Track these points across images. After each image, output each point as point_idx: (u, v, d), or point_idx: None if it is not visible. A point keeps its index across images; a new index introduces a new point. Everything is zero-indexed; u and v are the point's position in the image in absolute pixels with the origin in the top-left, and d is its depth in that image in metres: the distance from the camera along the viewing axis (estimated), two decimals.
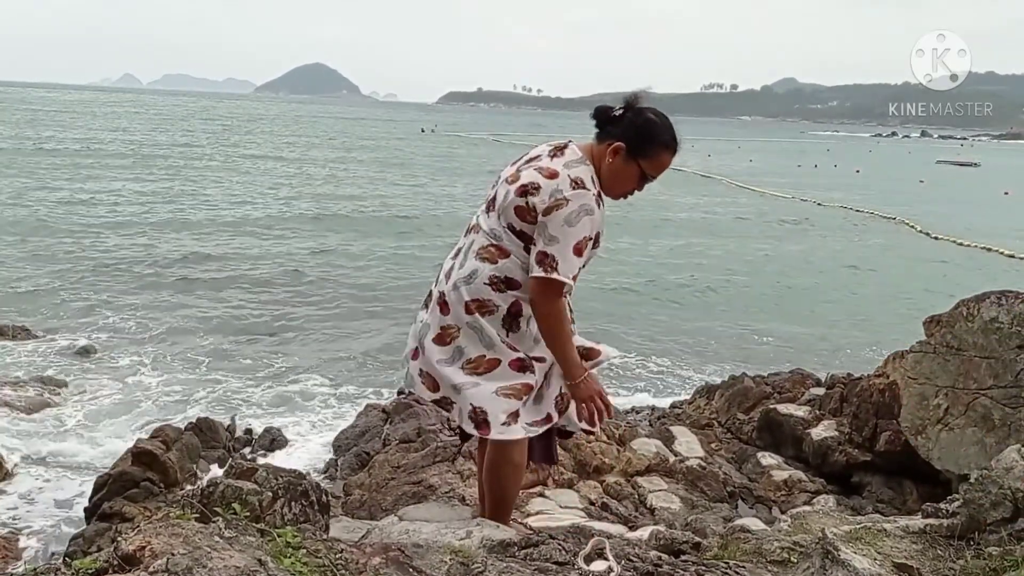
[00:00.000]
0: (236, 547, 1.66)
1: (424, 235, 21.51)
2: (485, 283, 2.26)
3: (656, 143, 2.24)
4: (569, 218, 2.13)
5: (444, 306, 2.33)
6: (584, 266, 2.25)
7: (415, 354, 2.43)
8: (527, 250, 2.23)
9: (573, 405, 2.43)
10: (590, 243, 2.19)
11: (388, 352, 11.60)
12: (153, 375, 10.11)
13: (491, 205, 2.34)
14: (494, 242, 2.27)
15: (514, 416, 2.33)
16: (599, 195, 2.24)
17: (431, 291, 2.45)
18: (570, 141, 2.33)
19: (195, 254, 17.34)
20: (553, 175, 2.19)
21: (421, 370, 2.42)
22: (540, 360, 2.35)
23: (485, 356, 2.29)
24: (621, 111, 2.26)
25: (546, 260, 2.15)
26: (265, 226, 21.64)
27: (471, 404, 2.31)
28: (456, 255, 2.38)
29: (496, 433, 2.32)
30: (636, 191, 2.33)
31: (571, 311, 2.41)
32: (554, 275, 2.14)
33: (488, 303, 2.27)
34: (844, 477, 6.15)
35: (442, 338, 2.33)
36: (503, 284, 2.26)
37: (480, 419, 2.31)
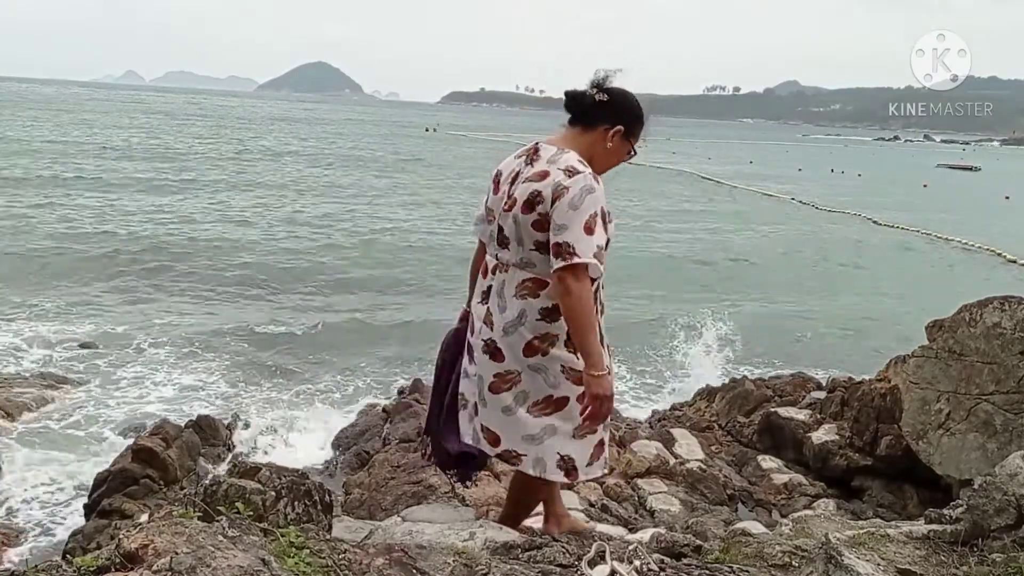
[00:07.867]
0: (239, 547, 1.65)
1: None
2: (538, 318, 2.23)
3: (643, 121, 2.37)
4: (573, 202, 2.12)
5: (497, 353, 2.29)
6: (605, 248, 2.17)
7: (476, 409, 2.40)
8: None
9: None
10: (598, 219, 2.15)
11: (388, 351, 11.61)
12: (153, 372, 10.11)
13: (502, 240, 2.30)
14: (530, 275, 2.24)
15: (600, 447, 2.35)
16: (593, 174, 2.23)
17: (468, 341, 2.42)
18: (537, 142, 2.35)
19: (195, 249, 17.35)
20: (544, 175, 2.19)
21: (482, 425, 2.38)
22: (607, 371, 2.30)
23: (552, 396, 2.26)
24: (606, 97, 2.30)
25: (561, 249, 2.11)
26: (269, 224, 21.66)
27: (558, 453, 2.29)
28: (486, 299, 2.34)
29: (583, 475, 2.35)
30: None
31: (602, 307, 2.34)
32: (574, 260, 2.10)
33: (547, 335, 2.24)
34: (844, 481, 6.15)
35: (498, 386, 2.30)
36: (555, 312, 2.22)
37: (569, 466, 2.31)
